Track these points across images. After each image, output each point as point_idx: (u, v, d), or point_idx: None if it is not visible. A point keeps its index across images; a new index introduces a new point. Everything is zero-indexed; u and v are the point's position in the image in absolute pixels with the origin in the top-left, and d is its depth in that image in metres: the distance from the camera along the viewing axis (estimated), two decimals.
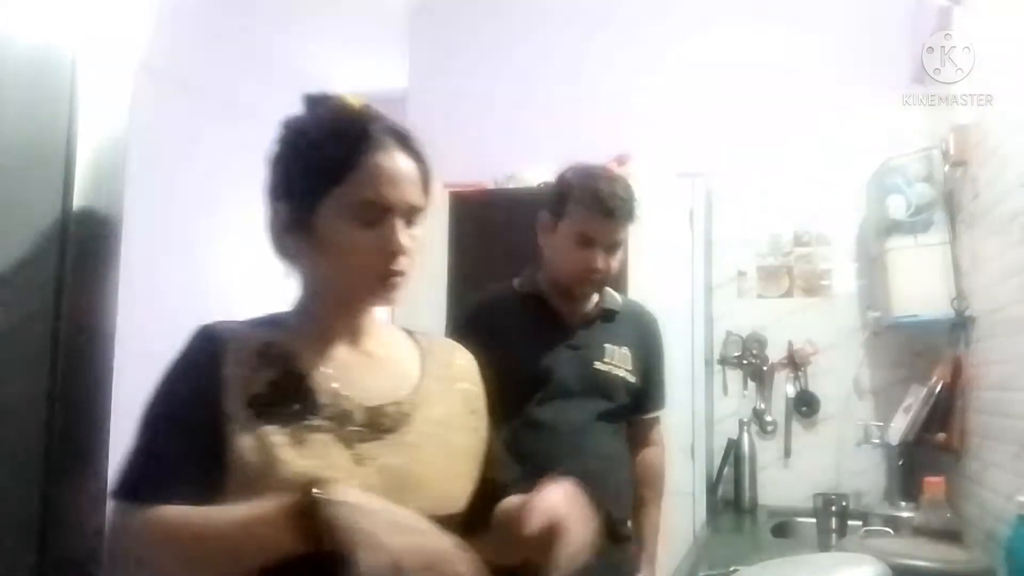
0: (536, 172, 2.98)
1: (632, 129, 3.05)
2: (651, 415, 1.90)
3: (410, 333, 1.10)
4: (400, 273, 0.94)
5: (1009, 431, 1.78)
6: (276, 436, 0.86)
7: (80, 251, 0.94)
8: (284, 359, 0.92)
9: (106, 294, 0.98)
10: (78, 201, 0.93)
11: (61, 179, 0.91)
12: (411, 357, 1.05)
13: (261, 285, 1.25)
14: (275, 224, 0.98)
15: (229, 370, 0.89)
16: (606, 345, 1.79)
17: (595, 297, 1.83)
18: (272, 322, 0.98)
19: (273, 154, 0.98)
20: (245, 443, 0.85)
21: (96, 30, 0.95)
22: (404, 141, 0.97)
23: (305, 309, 1.00)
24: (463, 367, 1.10)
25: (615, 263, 1.76)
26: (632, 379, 1.79)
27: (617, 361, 1.78)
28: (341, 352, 0.97)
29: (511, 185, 2.99)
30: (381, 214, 0.93)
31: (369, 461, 0.90)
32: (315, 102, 1.00)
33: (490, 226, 2.78)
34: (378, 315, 1.04)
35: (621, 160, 2.92)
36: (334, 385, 0.93)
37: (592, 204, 1.69)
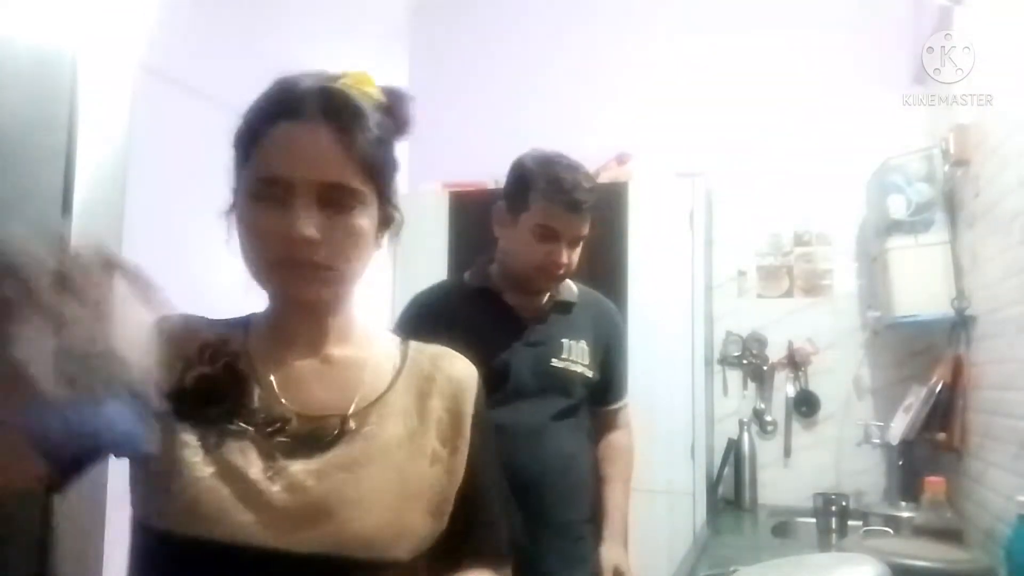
0: None
1: (632, 129, 3.05)
2: (613, 407, 1.85)
3: (404, 341, 0.96)
4: (308, 264, 0.79)
5: (1010, 431, 1.78)
6: (186, 434, 0.78)
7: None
8: (230, 357, 0.84)
9: None
10: (79, 200, 0.93)
11: (62, 178, 0.91)
12: (386, 368, 0.90)
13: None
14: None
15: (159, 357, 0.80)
16: (563, 340, 1.70)
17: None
18: (241, 322, 0.90)
19: None
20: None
21: (96, 31, 0.95)
22: (338, 111, 0.80)
23: (266, 308, 0.91)
24: (454, 384, 0.92)
25: (576, 257, 1.68)
26: (590, 374, 1.72)
27: (575, 356, 1.70)
28: (295, 356, 0.86)
29: None
30: (282, 192, 0.79)
31: (281, 480, 0.78)
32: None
33: (490, 226, 2.78)
34: (358, 316, 0.92)
35: (621, 160, 2.93)
36: (275, 390, 0.83)
37: (555, 196, 1.59)
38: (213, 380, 0.82)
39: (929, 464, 2.31)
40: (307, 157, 0.79)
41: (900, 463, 2.51)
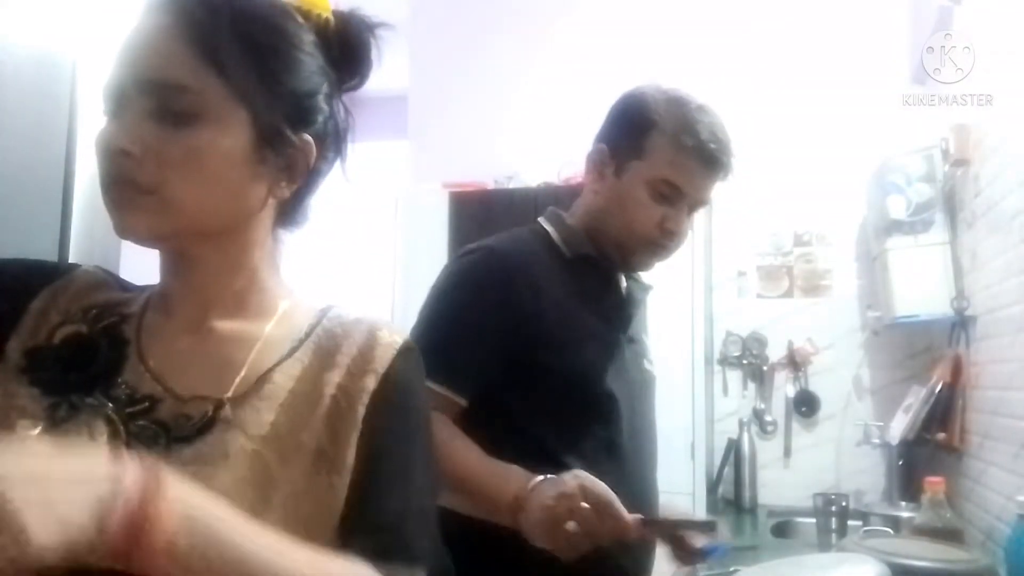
0: (536, 172, 2.98)
1: None
2: None
3: (324, 310, 0.77)
4: (127, 184, 0.66)
5: (1010, 431, 1.78)
6: (30, 400, 0.66)
7: (81, 252, 0.94)
8: (116, 319, 0.73)
9: None
10: (79, 202, 0.93)
11: (62, 180, 0.92)
12: (284, 343, 0.73)
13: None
14: None
15: (37, 306, 0.72)
16: (643, 336, 1.37)
17: None
18: (151, 288, 0.79)
19: None
20: None
21: (96, 33, 0.95)
22: (181, 3, 0.68)
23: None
24: (363, 352, 0.72)
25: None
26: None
27: (654, 360, 1.37)
28: (176, 328, 0.73)
29: (511, 185, 3.00)
30: (114, 103, 0.67)
31: None
32: None
33: (490, 226, 2.75)
34: (269, 283, 0.77)
35: None
36: (149, 365, 0.70)
37: (687, 144, 1.21)
38: (85, 341, 0.71)
39: (929, 464, 2.31)
40: (132, 52, 0.67)
41: (900, 463, 2.51)
